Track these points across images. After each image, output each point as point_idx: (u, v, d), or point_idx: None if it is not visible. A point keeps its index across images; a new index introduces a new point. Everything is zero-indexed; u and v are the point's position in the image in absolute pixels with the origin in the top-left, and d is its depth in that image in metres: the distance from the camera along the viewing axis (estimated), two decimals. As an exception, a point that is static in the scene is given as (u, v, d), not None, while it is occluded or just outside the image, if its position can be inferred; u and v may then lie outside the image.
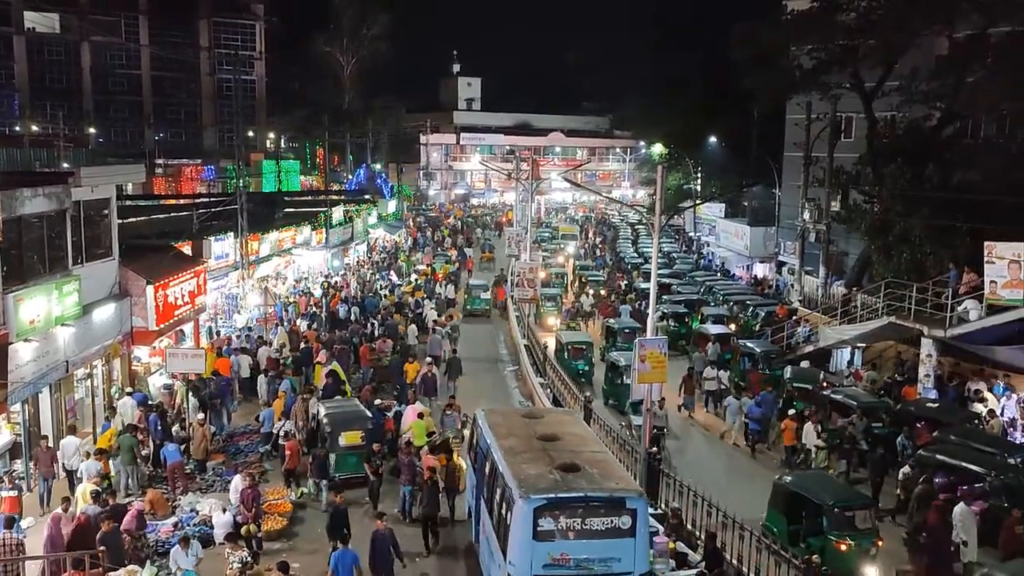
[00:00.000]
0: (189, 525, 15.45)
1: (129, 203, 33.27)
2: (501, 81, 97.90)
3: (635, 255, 50.22)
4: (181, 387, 20.70)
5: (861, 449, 19.27)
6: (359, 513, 16.08)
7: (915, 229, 26.84)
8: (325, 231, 41.07)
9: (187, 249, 27.44)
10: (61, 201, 17.93)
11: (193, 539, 13.51)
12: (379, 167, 75.78)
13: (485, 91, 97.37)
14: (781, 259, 42.78)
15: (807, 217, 35.80)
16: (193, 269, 24.84)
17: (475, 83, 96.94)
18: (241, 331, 28.55)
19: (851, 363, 27.11)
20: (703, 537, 14.09)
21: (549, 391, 23.83)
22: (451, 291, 40.22)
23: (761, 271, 45.47)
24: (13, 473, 16.67)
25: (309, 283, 38.46)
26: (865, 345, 27.03)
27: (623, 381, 23.48)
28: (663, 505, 15.91)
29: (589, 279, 42.17)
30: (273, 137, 71.40)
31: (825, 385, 22.67)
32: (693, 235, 59.14)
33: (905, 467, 17.24)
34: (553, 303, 36.43)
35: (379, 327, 30.28)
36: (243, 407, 23.18)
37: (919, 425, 19.06)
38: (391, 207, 64.17)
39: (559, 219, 74.46)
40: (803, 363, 25.53)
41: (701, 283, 40.16)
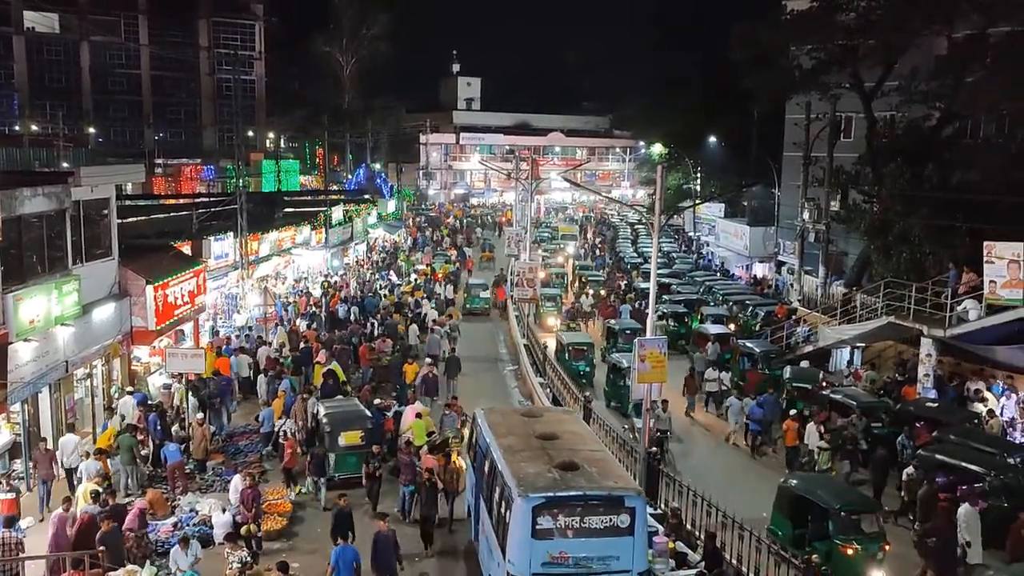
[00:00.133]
0: (189, 525, 15.46)
1: (129, 203, 33.28)
2: (501, 81, 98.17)
3: (635, 255, 50.20)
4: (180, 387, 20.71)
5: (863, 450, 19.22)
6: (359, 513, 16.03)
7: (914, 229, 26.84)
8: (325, 231, 41.05)
9: (187, 249, 27.44)
10: (61, 201, 17.95)
11: (193, 539, 13.51)
12: (379, 167, 75.84)
13: (485, 91, 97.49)
14: (781, 259, 42.76)
15: (807, 217, 35.81)
16: (193, 269, 24.85)
17: (475, 83, 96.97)
18: (241, 331, 28.58)
19: (851, 363, 27.11)
20: (703, 537, 14.08)
21: (548, 391, 23.84)
22: (451, 291, 40.25)
23: (761, 271, 45.47)
24: (12, 473, 16.66)
25: (309, 283, 38.48)
26: (864, 345, 27.05)
27: (625, 383, 23.30)
28: (663, 505, 15.91)
29: (589, 279, 42.20)
30: (273, 137, 71.47)
31: (824, 385, 22.66)
32: (693, 235, 59.10)
33: (909, 468, 17.14)
34: (553, 303, 36.43)
35: (379, 327, 30.31)
36: (243, 407, 23.20)
37: (919, 425, 19.04)
38: (391, 207, 64.17)
39: (559, 219, 74.41)
40: (802, 363, 25.52)
41: (700, 283, 40.16)
